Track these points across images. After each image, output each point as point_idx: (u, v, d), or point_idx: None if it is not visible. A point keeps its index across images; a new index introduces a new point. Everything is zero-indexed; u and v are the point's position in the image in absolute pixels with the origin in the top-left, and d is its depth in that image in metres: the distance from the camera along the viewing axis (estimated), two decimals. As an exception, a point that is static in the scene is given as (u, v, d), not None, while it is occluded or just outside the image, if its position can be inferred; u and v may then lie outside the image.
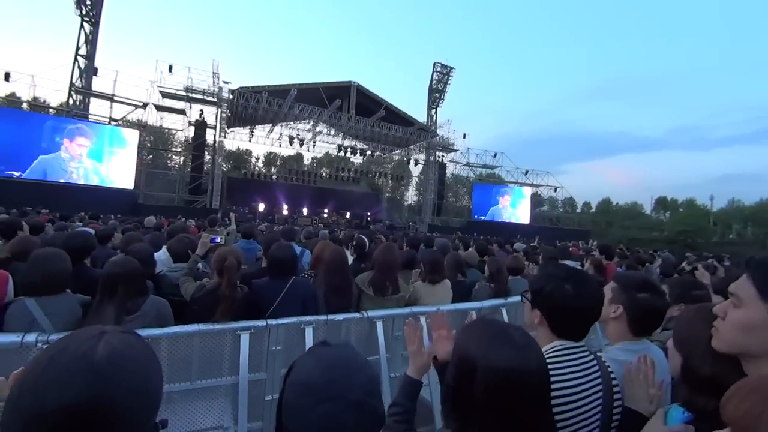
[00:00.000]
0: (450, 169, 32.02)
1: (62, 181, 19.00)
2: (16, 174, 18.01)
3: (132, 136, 21.38)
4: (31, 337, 1.78)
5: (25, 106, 21.97)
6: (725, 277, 2.82)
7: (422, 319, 2.67)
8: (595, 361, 1.13)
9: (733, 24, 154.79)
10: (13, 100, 22.87)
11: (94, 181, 19.98)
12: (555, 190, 34.04)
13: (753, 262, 0.89)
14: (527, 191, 32.74)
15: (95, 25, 21.28)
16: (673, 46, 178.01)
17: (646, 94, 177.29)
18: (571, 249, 8.02)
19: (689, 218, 46.23)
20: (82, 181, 19.56)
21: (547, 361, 1.09)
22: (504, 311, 3.13)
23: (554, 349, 1.11)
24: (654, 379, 1.14)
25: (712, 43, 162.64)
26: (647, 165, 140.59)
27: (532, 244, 11.17)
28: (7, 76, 19.53)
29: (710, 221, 46.98)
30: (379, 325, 2.62)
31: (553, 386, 1.02)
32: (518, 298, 3.07)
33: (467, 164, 31.48)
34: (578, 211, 53.92)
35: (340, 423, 0.68)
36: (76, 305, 2.12)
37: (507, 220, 31.09)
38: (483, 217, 30.39)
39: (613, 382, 1.13)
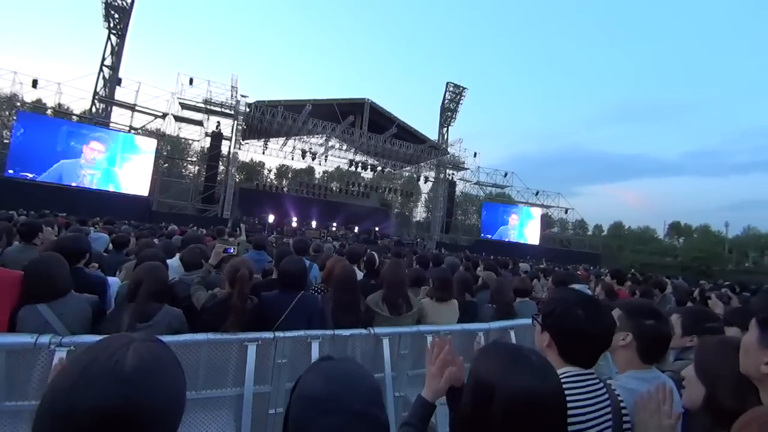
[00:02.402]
0: (460, 187, 32.06)
1: (74, 184, 19.42)
2: (30, 176, 18.50)
3: (149, 144, 21.92)
4: (44, 339, 1.82)
5: (49, 112, 22.79)
6: (739, 308, 2.74)
7: (428, 339, 2.65)
8: (604, 389, 1.11)
9: (754, 49, 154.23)
10: (38, 106, 23.70)
11: (109, 188, 20.45)
12: (566, 212, 33.73)
13: (761, 290, 0.96)
14: (537, 212, 32.47)
15: (122, 37, 22.17)
16: (693, 70, 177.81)
17: (664, 118, 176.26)
18: (578, 273, 7.90)
19: (703, 244, 45.19)
20: (94, 186, 20.05)
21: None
22: (512, 333, 3.09)
23: (564, 375, 1.10)
24: (670, 410, 1.11)
25: (733, 67, 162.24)
26: (661, 189, 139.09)
27: (541, 266, 11.04)
28: (34, 83, 20.35)
29: (725, 248, 45.91)
30: (386, 342, 2.61)
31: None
32: (526, 320, 3.04)
33: (477, 183, 31.47)
34: (589, 233, 53.19)
35: None
36: (85, 305, 2.16)
37: (513, 240, 30.78)
38: (491, 237, 30.15)
39: (623, 411, 1.12)
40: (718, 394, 0.99)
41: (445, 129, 29.62)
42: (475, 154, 29.41)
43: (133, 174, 21.03)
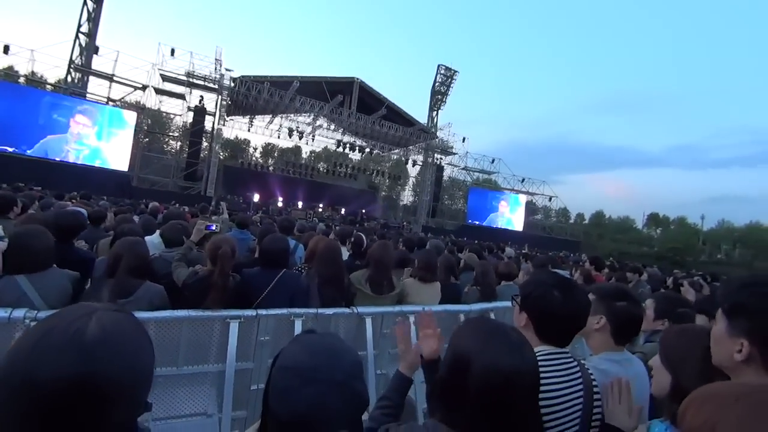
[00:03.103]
0: (447, 171, 32.15)
1: (57, 159, 18.71)
2: (10, 150, 17.67)
3: (130, 117, 21.14)
4: (19, 313, 1.77)
5: (22, 80, 21.66)
6: (709, 296, 2.87)
7: (411, 318, 2.69)
8: (577, 368, 1.16)
9: (741, 46, 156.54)
10: (10, 73, 22.47)
11: (96, 164, 19.71)
12: (550, 200, 34.30)
13: (723, 281, 0.99)
14: (522, 199, 32.94)
15: (99, 2, 20.97)
16: (680, 64, 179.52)
17: (649, 111, 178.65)
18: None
19: (679, 236, 46.91)
20: (80, 162, 19.29)
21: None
22: (492, 315, 3.17)
23: (539, 353, 1.13)
24: (632, 399, 1.17)
25: (719, 63, 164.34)
26: (643, 181, 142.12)
27: (523, 251, 11.28)
28: (6, 49, 19.23)
29: (700, 240, 47.67)
30: (368, 321, 2.65)
31: (536, 390, 1.05)
32: (507, 303, 3.11)
33: (465, 168, 31.60)
34: (571, 221, 54.34)
35: (325, 404, 0.71)
36: (65, 281, 2.11)
37: (501, 226, 31.26)
38: (479, 222, 30.51)
39: (595, 389, 1.16)
40: (683, 381, 1.02)
41: (435, 112, 29.40)
42: (463, 139, 29.40)
43: (114, 148, 20.28)
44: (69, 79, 20.53)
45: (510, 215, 32.05)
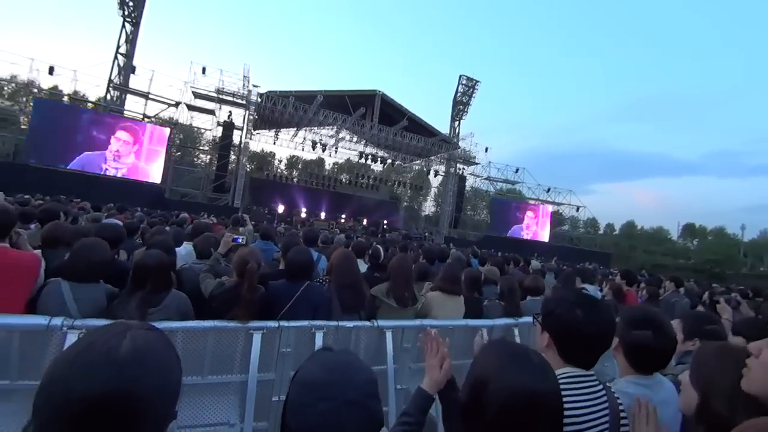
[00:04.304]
0: (470, 182, 31.82)
1: (96, 173, 19.66)
2: (52, 166, 18.68)
3: (164, 133, 22.18)
4: (57, 321, 1.87)
5: (65, 99, 23.15)
6: (751, 319, 2.69)
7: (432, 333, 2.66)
8: (603, 391, 1.11)
9: None
10: (54, 93, 24.10)
11: (132, 175, 20.67)
12: (577, 210, 33.27)
13: None
14: (548, 209, 32.12)
15: (136, 25, 22.34)
16: (715, 66, 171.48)
17: (685, 116, 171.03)
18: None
19: (718, 247, 44.28)
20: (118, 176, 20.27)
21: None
22: (516, 331, 3.09)
23: (563, 376, 1.10)
24: (656, 423, 1.11)
25: (757, 65, 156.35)
26: (676, 189, 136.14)
27: (551, 264, 10.96)
28: (51, 70, 20.70)
29: (740, 252, 44.93)
30: (389, 335, 2.63)
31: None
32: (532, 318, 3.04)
33: (488, 178, 31.22)
34: (600, 232, 52.48)
35: (337, 420, 0.71)
36: (102, 295, 2.21)
37: (526, 237, 30.53)
38: (501, 233, 29.91)
39: (621, 414, 1.11)
40: (711, 402, 0.97)
41: (457, 123, 29.35)
42: (486, 149, 29.13)
43: (149, 163, 21.28)
44: (108, 97, 21.83)
45: (535, 226, 31.26)
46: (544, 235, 31.57)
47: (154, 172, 21.39)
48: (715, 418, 0.94)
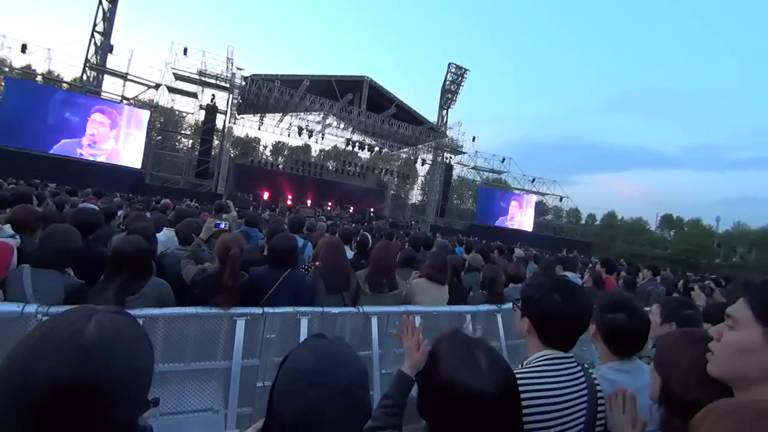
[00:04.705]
0: (457, 171, 31.95)
1: (72, 157, 18.95)
2: (29, 150, 17.92)
3: (143, 116, 21.47)
4: (31, 308, 1.82)
5: (39, 78, 22.10)
6: (720, 303, 2.81)
7: (417, 319, 2.69)
8: (582, 373, 1.14)
9: (764, 44, 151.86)
10: (27, 72, 22.99)
11: (111, 161, 19.96)
12: (560, 200, 33.88)
13: (750, 286, 0.90)
14: (532, 199, 32.60)
15: (114, 2, 21.32)
16: (699, 61, 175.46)
17: (666, 110, 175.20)
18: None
19: (693, 238, 45.81)
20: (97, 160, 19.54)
21: (535, 369, 1.11)
22: (499, 317, 3.15)
23: (542, 358, 1.13)
24: (636, 411, 1.13)
25: (740, 61, 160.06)
26: (657, 181, 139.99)
27: (533, 253, 11.17)
28: (23, 48, 19.66)
29: (714, 243, 46.62)
30: (374, 321, 2.65)
31: (538, 395, 1.04)
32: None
33: (474, 167, 31.37)
34: (582, 222, 53.63)
35: (326, 409, 0.71)
36: (60, 287, 2.07)
37: (510, 226, 30.98)
38: (492, 223, 30.27)
39: (599, 395, 1.15)
40: (671, 385, 1.00)
41: (445, 111, 29.25)
42: (473, 138, 29.21)
43: (128, 146, 20.57)
44: (84, 77, 20.93)
45: (520, 216, 31.73)
46: (529, 225, 32.11)
47: (133, 156, 20.74)
48: (675, 401, 0.98)
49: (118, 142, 20.15)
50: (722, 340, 0.89)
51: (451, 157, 30.21)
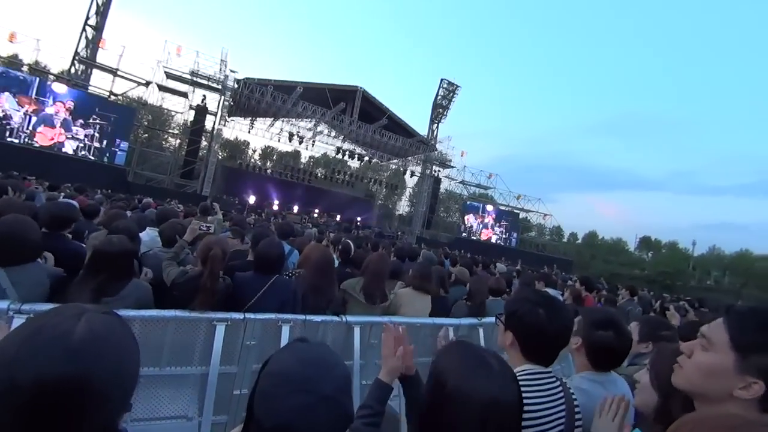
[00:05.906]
0: (444, 184, 32.27)
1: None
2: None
3: (131, 113, 21.05)
4: (2, 305, 1.75)
5: (25, 69, 21.55)
6: (693, 322, 2.90)
7: (400, 330, 2.68)
8: (560, 387, 1.16)
9: (746, 74, 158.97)
10: (13, 61, 22.40)
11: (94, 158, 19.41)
12: (544, 217, 34.50)
13: (732, 311, 0.90)
14: (517, 216, 33.10)
15: (108, -2, 21.11)
16: (684, 90, 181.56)
17: (649, 135, 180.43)
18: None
19: (670, 260, 47.25)
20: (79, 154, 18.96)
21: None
22: (481, 331, 3.16)
23: (523, 372, 1.14)
24: (624, 419, 1.15)
25: (725, 90, 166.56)
26: (637, 203, 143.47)
27: (516, 268, 11.30)
28: (11, 37, 19.22)
29: (690, 265, 48.04)
30: (357, 330, 2.63)
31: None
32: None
33: (462, 182, 31.76)
34: (564, 240, 54.61)
35: (310, 415, 0.70)
36: (44, 277, 2.03)
37: (495, 241, 31.32)
38: (473, 237, 30.56)
39: (576, 409, 1.17)
40: (670, 403, 1.01)
41: (436, 125, 29.64)
42: (462, 153, 29.66)
43: (111, 143, 20.08)
44: (73, 70, 20.51)
45: (505, 231, 32.13)
46: (512, 241, 32.54)
47: (116, 153, 20.27)
48: (673, 419, 0.99)
49: (100, 138, 19.55)
50: (693, 358, 0.91)
51: (439, 171, 30.55)
